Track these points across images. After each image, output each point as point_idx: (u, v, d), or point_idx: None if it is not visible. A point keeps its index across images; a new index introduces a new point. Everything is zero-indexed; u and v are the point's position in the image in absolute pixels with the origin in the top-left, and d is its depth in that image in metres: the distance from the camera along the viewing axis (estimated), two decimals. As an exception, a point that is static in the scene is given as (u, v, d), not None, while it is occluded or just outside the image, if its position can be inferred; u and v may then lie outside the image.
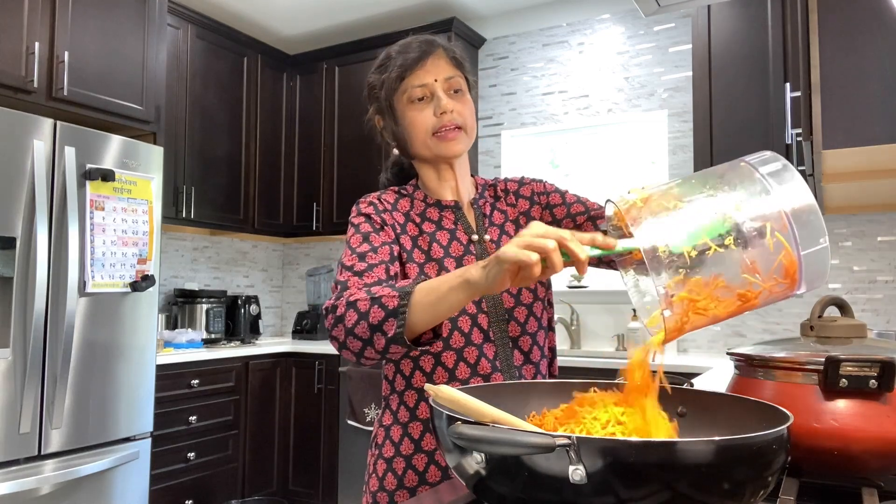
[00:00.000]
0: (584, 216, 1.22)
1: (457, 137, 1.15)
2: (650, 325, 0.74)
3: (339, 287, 1.06)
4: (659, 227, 0.70)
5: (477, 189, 1.26)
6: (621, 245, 0.78)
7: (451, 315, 0.94)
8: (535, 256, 0.77)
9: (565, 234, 0.78)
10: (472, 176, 1.27)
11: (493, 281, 0.83)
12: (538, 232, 0.79)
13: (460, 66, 1.19)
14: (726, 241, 0.69)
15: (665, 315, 0.70)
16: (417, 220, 1.19)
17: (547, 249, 0.77)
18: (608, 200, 0.78)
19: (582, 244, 0.78)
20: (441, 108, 1.13)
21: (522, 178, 1.29)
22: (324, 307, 1.03)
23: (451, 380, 1.11)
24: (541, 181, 1.28)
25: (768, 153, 0.75)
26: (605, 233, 0.82)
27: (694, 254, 0.69)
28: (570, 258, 0.78)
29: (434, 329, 0.99)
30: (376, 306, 0.95)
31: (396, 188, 1.25)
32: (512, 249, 0.79)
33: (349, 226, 1.17)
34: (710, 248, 0.69)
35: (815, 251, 0.68)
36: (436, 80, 1.14)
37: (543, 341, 1.19)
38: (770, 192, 0.69)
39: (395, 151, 1.24)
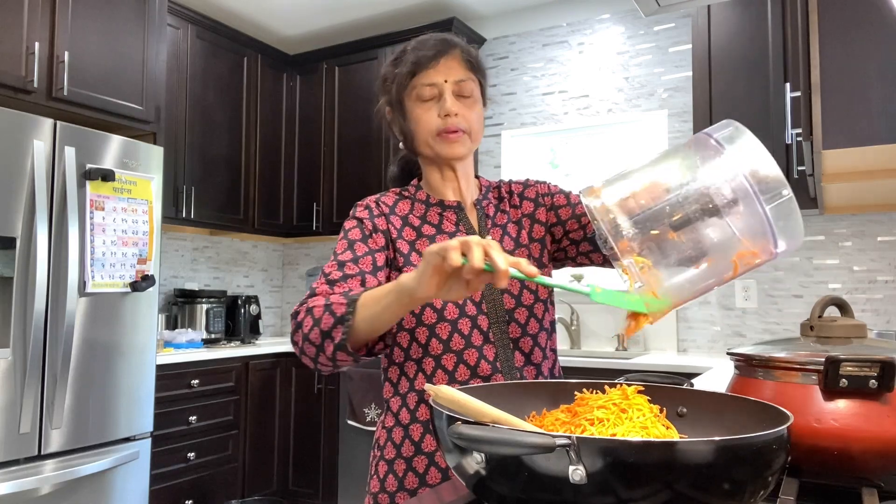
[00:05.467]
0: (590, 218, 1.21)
1: (459, 140, 1.15)
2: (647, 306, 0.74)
3: (308, 293, 1.09)
4: (627, 222, 0.71)
5: (480, 190, 1.26)
6: (548, 281, 0.81)
7: (392, 323, 0.95)
8: (454, 243, 0.79)
9: (493, 243, 0.79)
10: (476, 177, 1.28)
11: (420, 279, 0.83)
12: (466, 237, 0.80)
13: (474, 68, 1.18)
14: (692, 213, 0.69)
15: (637, 287, 0.70)
16: (416, 223, 1.19)
17: (469, 244, 0.78)
18: (581, 192, 0.78)
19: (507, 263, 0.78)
20: (445, 110, 1.13)
21: (527, 180, 1.29)
22: (291, 313, 1.07)
23: (451, 382, 1.11)
24: (545, 182, 1.28)
25: (725, 121, 0.75)
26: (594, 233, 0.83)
27: (657, 232, 0.70)
28: (491, 268, 0.78)
29: (384, 339, 1.03)
30: (327, 313, 0.98)
31: (398, 189, 1.25)
32: (434, 245, 0.81)
33: (341, 229, 1.18)
34: (678, 223, 0.70)
35: (780, 203, 0.67)
36: (445, 81, 1.14)
37: (545, 342, 1.19)
38: (724, 155, 0.70)
39: (402, 146, 1.25)
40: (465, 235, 1.19)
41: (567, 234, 1.23)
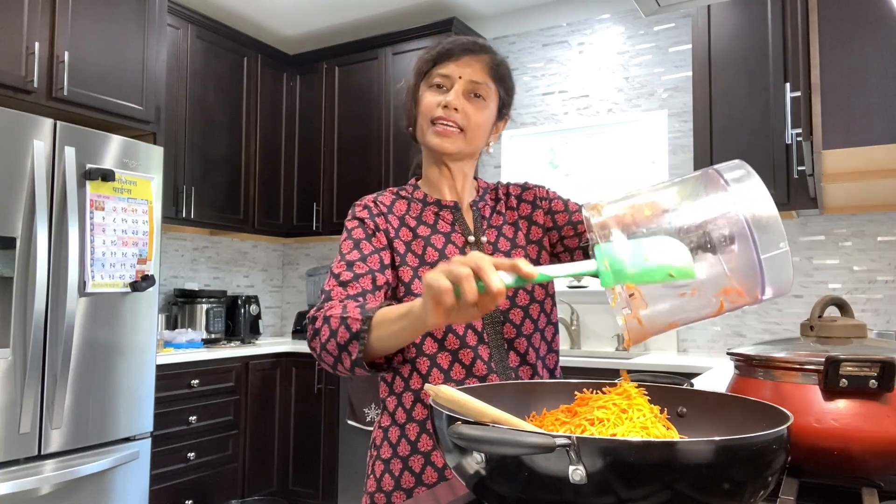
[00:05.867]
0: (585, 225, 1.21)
1: (450, 135, 1.14)
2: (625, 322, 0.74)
3: (322, 297, 1.08)
4: (622, 237, 0.71)
5: (478, 192, 1.26)
6: (552, 273, 0.74)
7: (406, 344, 0.94)
8: (446, 283, 0.74)
9: (485, 263, 0.73)
10: (475, 179, 1.28)
11: (425, 310, 0.80)
12: (460, 259, 0.75)
13: (498, 78, 1.18)
14: (687, 244, 0.70)
15: (625, 313, 0.71)
16: (413, 223, 1.20)
17: (460, 276, 0.73)
18: (583, 206, 0.78)
19: (503, 270, 0.74)
20: (445, 101, 1.13)
21: (525, 183, 1.29)
22: (307, 316, 1.06)
23: (447, 381, 1.11)
24: (543, 187, 1.28)
25: (736, 161, 0.76)
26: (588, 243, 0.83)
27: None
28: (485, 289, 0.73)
29: (403, 351, 1.03)
30: (343, 326, 0.97)
31: (395, 189, 1.26)
32: (431, 274, 0.76)
33: (343, 229, 1.18)
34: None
35: (775, 255, 0.68)
36: (460, 77, 1.14)
37: (539, 343, 1.19)
38: (731, 198, 0.70)
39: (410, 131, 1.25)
40: (460, 237, 1.19)
41: (562, 240, 1.23)
